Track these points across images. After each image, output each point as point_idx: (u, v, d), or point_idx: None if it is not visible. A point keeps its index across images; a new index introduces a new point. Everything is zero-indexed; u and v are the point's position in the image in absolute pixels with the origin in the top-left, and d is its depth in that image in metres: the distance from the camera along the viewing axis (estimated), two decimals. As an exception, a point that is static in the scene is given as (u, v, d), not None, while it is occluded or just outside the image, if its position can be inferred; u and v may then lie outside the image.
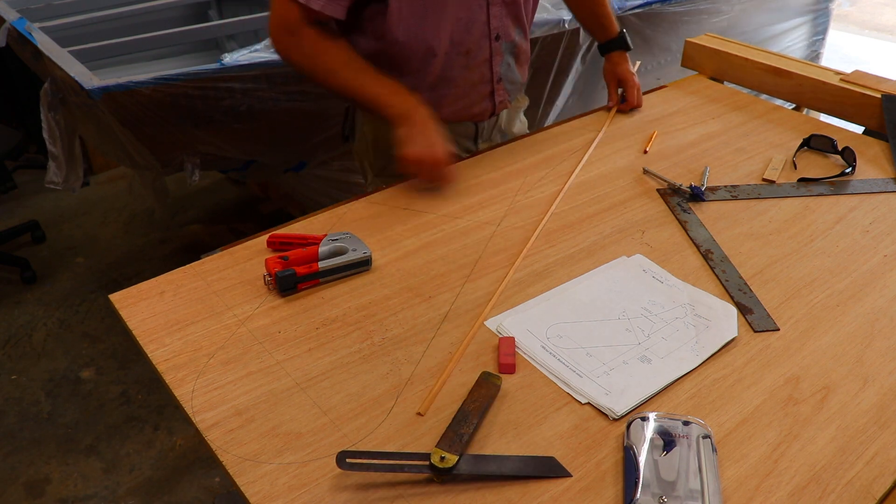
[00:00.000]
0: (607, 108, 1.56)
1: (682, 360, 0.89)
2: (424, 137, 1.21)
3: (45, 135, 1.95)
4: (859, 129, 1.51)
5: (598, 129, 1.47)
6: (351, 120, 1.52)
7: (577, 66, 2.52)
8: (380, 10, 1.23)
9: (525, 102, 1.60)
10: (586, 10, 1.56)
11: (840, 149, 1.36)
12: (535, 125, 2.55)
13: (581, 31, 2.43)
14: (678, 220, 1.18)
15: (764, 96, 1.67)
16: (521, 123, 1.59)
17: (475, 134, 1.47)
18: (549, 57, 2.42)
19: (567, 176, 1.31)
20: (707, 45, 1.72)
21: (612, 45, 1.55)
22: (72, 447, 1.99)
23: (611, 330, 0.94)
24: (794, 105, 1.65)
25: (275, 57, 1.87)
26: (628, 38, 1.55)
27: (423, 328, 0.95)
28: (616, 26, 1.55)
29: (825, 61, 3.61)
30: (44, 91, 1.94)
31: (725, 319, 0.96)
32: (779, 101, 1.68)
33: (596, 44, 1.61)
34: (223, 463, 0.76)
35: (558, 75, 2.51)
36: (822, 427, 0.81)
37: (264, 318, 0.97)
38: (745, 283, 1.03)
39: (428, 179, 1.24)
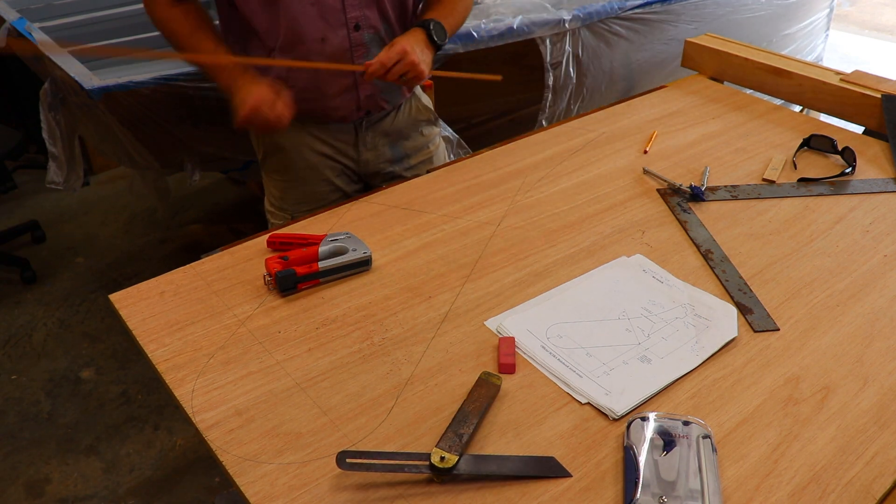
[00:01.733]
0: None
1: (682, 360, 0.89)
2: (246, 95, 1.20)
3: (44, 135, 1.95)
4: (859, 129, 1.51)
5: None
6: None
7: (582, 66, 2.52)
8: None
9: (428, 115, 1.51)
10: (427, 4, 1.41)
11: (840, 149, 1.36)
12: (538, 125, 2.55)
13: (582, 31, 2.43)
14: (678, 220, 1.18)
15: (765, 96, 1.67)
16: (422, 136, 1.50)
17: (355, 139, 1.41)
18: (558, 55, 2.42)
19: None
20: (707, 45, 1.72)
21: (420, 24, 1.33)
22: (72, 447, 1.99)
23: (611, 330, 0.94)
24: (801, 108, 1.65)
25: (274, 57, 1.87)
26: (434, 32, 1.32)
27: (423, 328, 0.95)
28: (440, 17, 1.35)
29: (825, 61, 3.61)
30: (44, 91, 1.94)
31: (725, 319, 0.96)
32: (779, 102, 1.68)
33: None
34: (223, 463, 0.76)
35: (565, 77, 2.51)
36: (822, 427, 0.81)
37: (264, 318, 0.97)
38: (745, 283, 1.03)
39: (263, 129, 1.23)
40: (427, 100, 1.53)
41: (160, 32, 1.30)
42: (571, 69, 2.49)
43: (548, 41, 2.36)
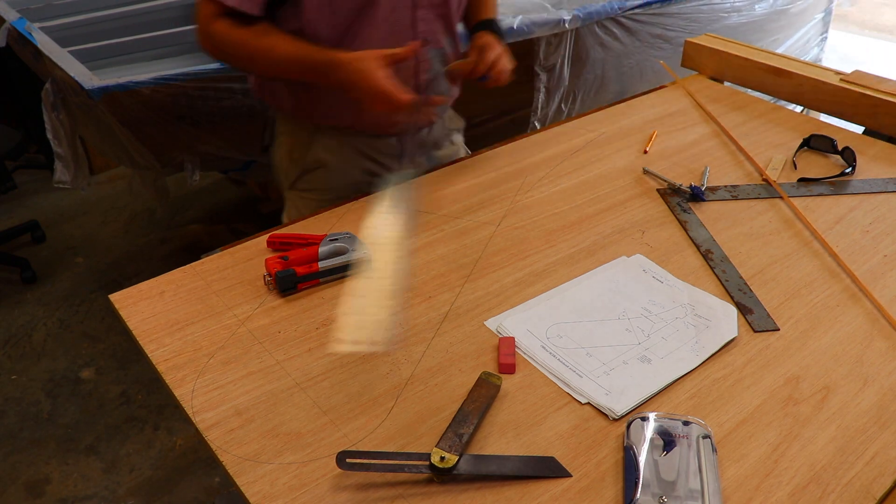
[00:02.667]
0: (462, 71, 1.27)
1: (682, 360, 0.89)
2: (366, 87, 1.08)
3: (49, 135, 1.95)
4: (859, 129, 1.51)
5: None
6: (271, 129, 1.44)
7: (583, 66, 2.52)
8: (294, 12, 1.16)
9: (459, 124, 1.51)
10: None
11: (840, 149, 1.36)
12: (530, 127, 2.55)
13: (582, 31, 2.43)
14: (678, 220, 1.18)
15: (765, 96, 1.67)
16: (452, 145, 1.49)
17: (400, 150, 1.37)
18: (552, 56, 2.42)
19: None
20: (707, 45, 1.72)
21: (485, 26, 1.31)
22: (72, 447, 1.99)
23: (611, 330, 0.94)
24: (802, 108, 1.65)
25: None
26: (499, 31, 1.32)
27: (423, 328, 0.95)
28: (495, 13, 1.36)
29: (825, 61, 3.61)
30: (45, 91, 1.94)
31: (725, 319, 0.96)
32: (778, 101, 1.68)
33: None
34: (223, 463, 0.76)
35: (563, 76, 2.50)
36: (822, 427, 0.81)
37: (264, 318, 0.97)
38: (745, 283, 1.03)
39: (396, 111, 1.12)
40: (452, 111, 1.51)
41: (230, 61, 1.20)
42: (565, 71, 2.50)
43: (543, 43, 2.36)
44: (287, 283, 0.99)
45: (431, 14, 1.24)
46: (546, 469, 0.75)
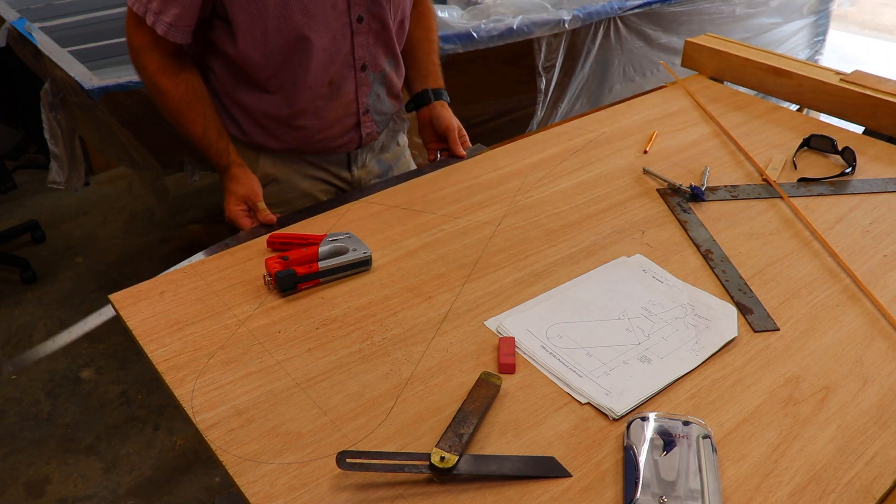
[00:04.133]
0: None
1: (682, 360, 0.89)
2: (232, 191, 1.27)
3: (46, 135, 1.96)
4: (859, 129, 1.51)
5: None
6: None
7: (581, 66, 2.52)
8: (229, 38, 1.18)
9: (400, 125, 1.53)
10: (414, 59, 1.44)
11: (840, 149, 1.36)
12: (538, 127, 2.55)
13: (582, 30, 2.43)
14: (678, 220, 1.18)
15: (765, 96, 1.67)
16: (398, 146, 1.52)
17: (348, 162, 1.41)
18: (551, 55, 2.42)
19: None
20: (707, 45, 1.72)
21: (437, 95, 1.43)
22: (72, 447, 1.99)
23: (611, 330, 0.94)
24: (798, 107, 1.65)
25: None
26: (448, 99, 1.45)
27: (423, 328, 0.95)
28: (440, 80, 1.45)
29: (825, 61, 3.61)
30: (44, 91, 1.94)
31: (725, 319, 0.96)
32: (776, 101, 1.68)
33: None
34: (223, 463, 0.76)
35: (562, 76, 2.51)
36: (822, 427, 0.81)
37: (264, 318, 0.97)
38: (745, 283, 1.03)
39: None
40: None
41: (151, 96, 1.26)
42: (565, 71, 2.50)
43: (543, 44, 2.36)
44: (287, 283, 0.99)
45: (371, 40, 1.26)
46: (546, 469, 0.75)
